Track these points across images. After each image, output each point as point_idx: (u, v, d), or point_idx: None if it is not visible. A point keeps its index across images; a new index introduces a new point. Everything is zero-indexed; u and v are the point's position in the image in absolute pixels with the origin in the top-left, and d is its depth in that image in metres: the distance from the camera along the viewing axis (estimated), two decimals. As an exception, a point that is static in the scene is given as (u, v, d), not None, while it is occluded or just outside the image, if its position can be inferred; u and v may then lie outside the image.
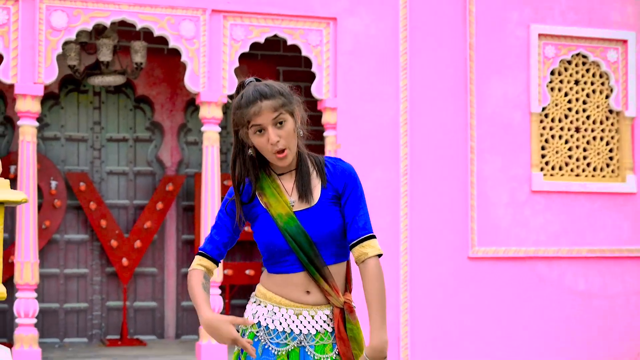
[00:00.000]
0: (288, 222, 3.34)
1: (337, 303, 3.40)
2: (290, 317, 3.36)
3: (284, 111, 3.30)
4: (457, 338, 8.62)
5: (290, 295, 3.37)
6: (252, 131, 3.29)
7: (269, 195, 3.38)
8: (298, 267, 3.36)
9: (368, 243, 3.40)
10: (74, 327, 9.76)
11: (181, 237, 10.06)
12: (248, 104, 3.29)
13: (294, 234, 3.33)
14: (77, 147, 9.86)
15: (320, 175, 3.42)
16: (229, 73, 8.13)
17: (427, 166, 8.59)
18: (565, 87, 9.16)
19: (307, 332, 3.37)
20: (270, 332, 3.36)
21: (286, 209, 3.36)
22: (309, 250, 3.34)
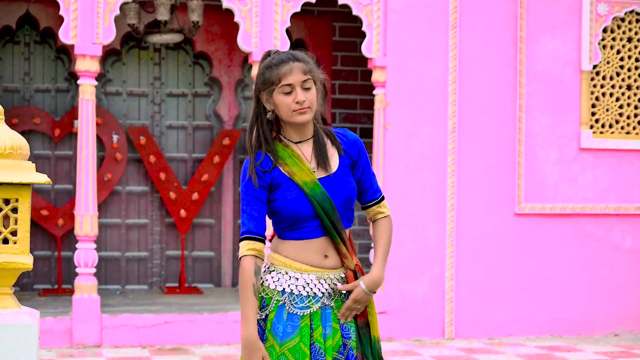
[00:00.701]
0: (314, 189, 3.52)
1: (351, 265, 3.60)
2: (312, 282, 3.54)
3: (311, 77, 3.51)
4: (502, 293, 8.80)
5: (309, 260, 3.55)
6: (280, 90, 3.49)
7: (291, 164, 3.54)
8: (319, 232, 3.56)
9: (383, 204, 3.75)
10: (134, 274, 10.21)
11: (238, 189, 10.39)
12: (280, 63, 3.49)
13: (320, 200, 3.52)
14: (138, 102, 10.22)
15: (335, 145, 3.64)
16: (281, 32, 8.34)
17: (475, 124, 8.72)
18: (618, 45, 9.15)
19: (327, 293, 3.57)
20: (294, 297, 3.54)
21: (310, 176, 3.54)
22: (332, 215, 3.53)
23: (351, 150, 3.68)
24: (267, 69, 3.53)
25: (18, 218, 4.41)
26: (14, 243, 4.56)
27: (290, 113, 3.52)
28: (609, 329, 9.03)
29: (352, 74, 10.56)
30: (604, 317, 9.01)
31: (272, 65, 3.51)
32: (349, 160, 3.65)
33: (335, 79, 10.50)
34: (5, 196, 4.36)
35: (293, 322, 3.53)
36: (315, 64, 3.60)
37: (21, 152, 4.62)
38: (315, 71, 3.57)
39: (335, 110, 10.52)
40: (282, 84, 3.48)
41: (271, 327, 3.53)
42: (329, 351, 3.55)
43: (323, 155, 3.60)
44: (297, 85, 3.49)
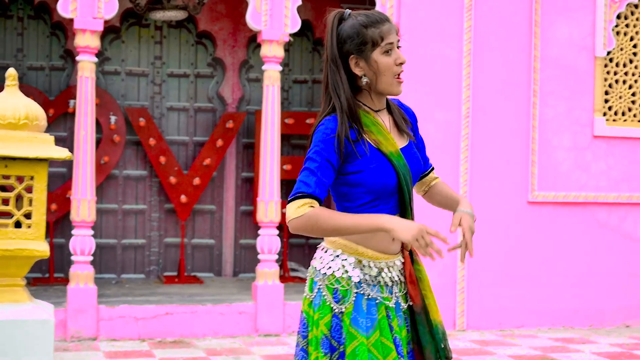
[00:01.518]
0: (399, 159, 3.24)
1: (409, 246, 3.32)
2: (383, 270, 3.26)
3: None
4: (513, 283, 8.60)
5: (380, 245, 3.26)
6: (382, 50, 3.18)
7: (377, 132, 3.24)
8: (396, 209, 3.27)
9: (434, 172, 3.60)
10: (131, 263, 9.87)
11: (240, 174, 10.08)
12: (379, 22, 3.21)
13: (404, 172, 3.24)
14: (138, 82, 9.87)
15: (402, 115, 3.40)
16: (292, 11, 8.07)
17: (489, 109, 8.51)
18: (631, 32, 8.99)
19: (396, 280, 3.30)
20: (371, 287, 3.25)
21: (395, 146, 3.26)
22: (411, 189, 3.28)
23: (413, 121, 3.48)
24: (366, 27, 3.19)
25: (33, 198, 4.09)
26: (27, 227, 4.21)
27: (391, 80, 3.22)
28: (621, 319, 8.86)
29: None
30: (615, 308, 8.85)
31: (371, 23, 3.19)
32: (411, 131, 3.42)
33: (341, 62, 10.20)
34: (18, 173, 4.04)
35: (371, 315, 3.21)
36: None
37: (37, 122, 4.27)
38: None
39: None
40: (385, 42, 3.18)
41: (351, 322, 3.18)
42: (404, 343, 3.28)
43: (402, 125, 3.35)
44: (396, 45, 3.22)
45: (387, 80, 3.20)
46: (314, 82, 10.29)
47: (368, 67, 3.19)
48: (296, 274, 9.83)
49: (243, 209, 10.08)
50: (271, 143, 8.07)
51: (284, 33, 8.07)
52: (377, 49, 3.17)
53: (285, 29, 8.07)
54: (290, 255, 10.11)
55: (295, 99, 10.26)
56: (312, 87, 10.30)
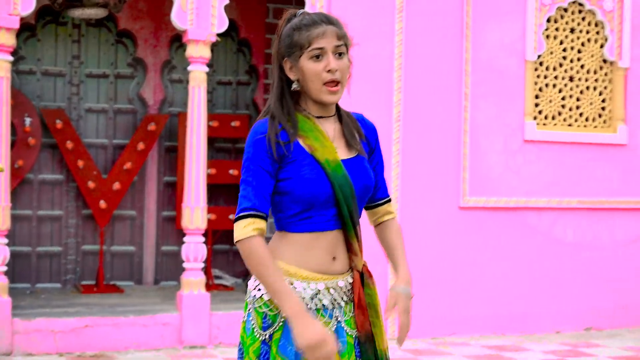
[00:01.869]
0: (336, 170, 2.99)
1: (359, 266, 3.07)
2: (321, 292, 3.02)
3: (344, 43, 3.03)
4: (445, 290, 8.46)
5: (317, 264, 3.01)
6: (309, 55, 2.98)
7: (313, 138, 3.02)
8: (333, 224, 3.02)
9: (390, 204, 3.31)
10: (46, 272, 9.40)
11: (162, 179, 9.71)
12: (311, 25, 2.99)
13: (341, 183, 2.99)
14: (54, 82, 9.41)
15: (356, 128, 3.15)
16: (219, 10, 7.78)
17: (420, 112, 8.34)
18: (561, 35, 8.94)
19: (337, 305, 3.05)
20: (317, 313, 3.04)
21: (334, 154, 3.01)
22: (351, 203, 3.02)
23: (370, 137, 3.21)
24: (295, 30, 3.01)
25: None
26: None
27: (319, 87, 3.00)
28: (552, 326, 8.79)
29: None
30: (546, 314, 8.78)
31: (302, 26, 2.99)
32: (368, 147, 3.18)
33: (268, 63, 9.95)
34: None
35: None
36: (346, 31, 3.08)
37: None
38: (348, 39, 3.05)
39: (268, 96, 9.95)
40: (312, 47, 2.97)
41: (279, 349, 2.96)
42: None
43: (350, 134, 3.09)
44: (330, 50, 2.98)
45: (315, 87, 3.00)
46: (238, 84, 10.00)
47: (298, 72, 3.02)
48: (220, 281, 9.52)
49: (165, 214, 9.72)
50: (197, 147, 7.75)
51: (211, 33, 7.77)
52: (304, 54, 2.99)
53: (212, 29, 7.78)
54: (214, 261, 9.79)
55: (220, 100, 9.95)
56: (236, 88, 10.00)
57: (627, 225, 9.08)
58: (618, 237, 9.05)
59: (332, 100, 3.01)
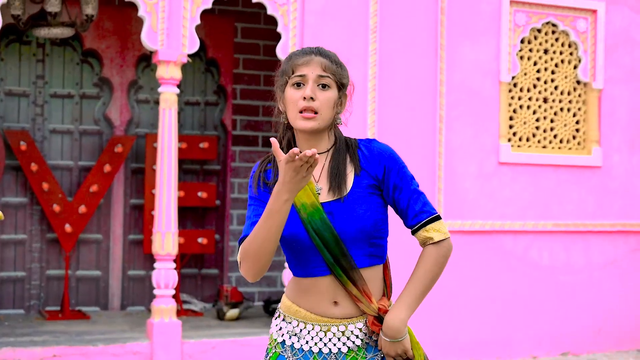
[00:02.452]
0: (312, 214, 2.90)
1: (370, 311, 2.97)
2: (317, 335, 2.96)
3: (333, 78, 2.99)
4: (422, 312, 8.28)
5: (316, 307, 2.96)
6: (291, 83, 2.96)
7: None
8: (324, 270, 2.93)
9: (432, 227, 3.04)
10: (9, 297, 9.08)
11: (129, 201, 9.44)
12: (300, 54, 3.01)
13: (318, 228, 2.90)
14: (18, 102, 9.11)
15: (353, 161, 3.01)
16: (190, 30, 7.58)
17: (395, 134, 8.19)
18: (535, 56, 8.86)
19: (336, 350, 2.96)
20: (297, 352, 2.98)
21: (312, 198, 2.92)
22: (334, 248, 2.90)
23: (372, 167, 3.03)
24: (286, 60, 3.05)
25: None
26: None
27: (295, 113, 2.94)
28: (527, 350, 8.66)
29: (255, 78, 9.83)
30: (522, 338, 8.64)
31: (292, 55, 3.03)
32: (370, 179, 3.01)
33: (236, 83, 9.75)
34: None
35: None
36: (345, 70, 3.09)
37: None
38: (340, 75, 3.04)
39: (237, 117, 9.76)
40: (295, 74, 2.97)
41: None
42: None
43: (335, 174, 2.97)
44: (311, 79, 2.95)
45: (292, 114, 2.96)
46: (206, 104, 9.78)
47: (284, 102, 3.03)
48: (189, 306, 9.27)
49: (131, 237, 9.46)
50: (168, 170, 7.53)
51: (182, 53, 7.56)
52: (288, 82, 2.99)
53: (183, 49, 7.57)
54: (183, 286, 9.55)
55: (187, 121, 9.71)
56: (204, 109, 9.78)
57: (603, 248, 8.99)
58: (594, 260, 8.96)
59: (304, 126, 2.94)
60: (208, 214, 9.73)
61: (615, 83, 9.09)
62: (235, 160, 9.73)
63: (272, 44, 8.26)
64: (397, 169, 3.04)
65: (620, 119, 9.11)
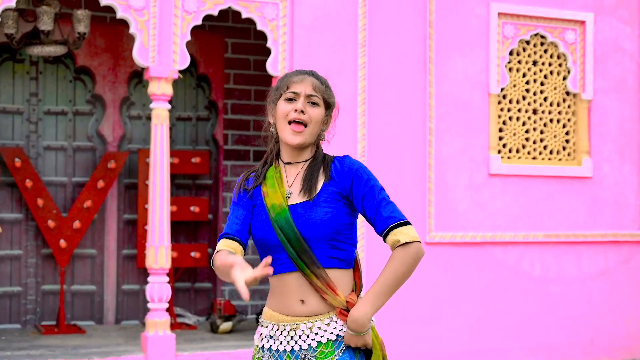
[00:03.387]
0: (279, 214, 3.20)
1: (337, 303, 3.17)
2: (289, 334, 3.18)
3: (322, 97, 3.28)
4: (413, 323, 8.37)
5: (285, 307, 3.21)
6: (284, 97, 3.25)
7: (269, 185, 3.28)
8: (290, 266, 3.18)
9: (400, 230, 3.19)
10: (5, 312, 9.16)
11: (122, 216, 9.53)
12: (295, 74, 3.31)
13: (282, 226, 3.18)
14: (12, 119, 9.20)
15: (325, 171, 3.27)
16: (180, 47, 7.67)
17: (385, 147, 8.27)
18: (524, 68, 8.93)
19: (307, 347, 3.18)
20: (273, 353, 3.22)
21: (280, 199, 3.23)
22: (296, 244, 3.16)
23: (342, 179, 3.26)
24: (281, 78, 3.35)
25: None
26: None
27: (284, 125, 3.24)
28: (519, 361, 8.72)
29: (245, 93, 9.92)
30: (514, 348, 8.70)
31: (287, 75, 3.35)
32: (337, 188, 3.25)
33: (227, 99, 9.83)
34: None
35: None
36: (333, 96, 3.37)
37: None
38: (329, 97, 3.33)
39: (228, 132, 9.84)
40: (288, 90, 3.27)
41: None
42: None
43: (307, 179, 3.25)
44: (303, 96, 3.26)
45: (282, 126, 3.25)
46: (198, 120, 9.87)
47: (275, 114, 3.30)
48: (182, 320, 9.34)
49: (125, 252, 9.54)
50: (160, 185, 7.61)
51: (173, 70, 7.64)
52: (282, 96, 3.26)
53: (174, 65, 7.65)
54: (176, 299, 9.61)
55: (179, 136, 9.80)
56: (196, 124, 9.87)
57: (594, 258, 9.05)
58: (585, 270, 9.01)
59: (293, 141, 3.23)
60: (201, 228, 9.80)
61: (605, 93, 9.16)
62: (227, 175, 9.81)
63: (263, 59, 8.32)
64: (364, 179, 3.25)
65: (610, 130, 9.18)
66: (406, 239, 3.16)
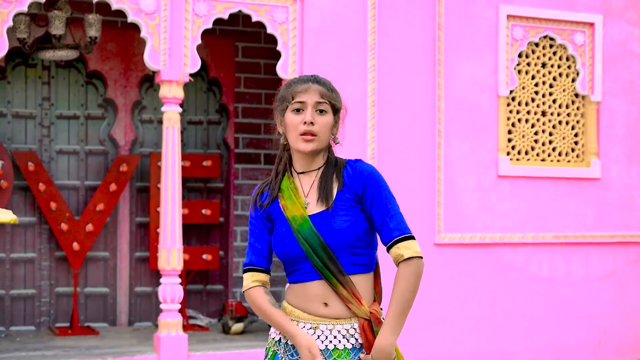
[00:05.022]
0: (302, 225, 3.21)
1: (361, 313, 3.21)
2: (308, 332, 3.21)
3: (329, 103, 3.28)
4: (421, 324, 8.42)
5: (308, 307, 3.23)
6: (291, 108, 3.25)
7: (287, 197, 3.28)
8: (314, 275, 3.20)
9: (404, 244, 3.24)
10: (20, 314, 9.27)
11: (135, 219, 9.62)
12: (299, 82, 3.29)
13: (306, 237, 3.20)
14: (25, 124, 9.32)
15: (338, 178, 3.28)
16: (191, 50, 7.75)
17: (394, 150, 8.34)
18: (532, 70, 8.98)
19: (324, 347, 3.20)
20: (290, 347, 3.25)
21: (300, 210, 3.23)
22: (322, 254, 3.18)
23: (354, 184, 3.28)
24: (285, 86, 3.33)
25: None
26: None
27: (296, 136, 3.24)
28: (529, 362, 8.76)
29: (256, 96, 10.00)
30: (522, 349, 8.74)
31: (291, 83, 3.32)
32: (349, 194, 3.28)
33: (238, 102, 9.91)
34: None
35: None
36: (339, 96, 3.39)
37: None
38: (336, 100, 3.34)
39: (239, 135, 9.92)
40: (294, 100, 3.26)
41: None
42: None
43: (322, 188, 3.26)
44: (310, 105, 3.26)
45: (293, 137, 3.24)
46: (209, 123, 9.95)
47: (284, 124, 3.31)
48: (195, 321, 9.42)
49: (138, 255, 9.63)
50: (172, 188, 7.69)
51: (184, 73, 7.73)
52: (288, 107, 3.27)
53: (185, 69, 7.74)
54: (188, 301, 9.70)
55: (190, 140, 9.88)
56: (207, 128, 9.95)
57: (602, 259, 9.09)
58: (593, 271, 9.06)
59: (305, 148, 3.23)
60: (212, 230, 9.88)
61: (614, 95, 9.21)
62: (238, 178, 9.89)
63: (273, 62, 8.41)
64: (376, 186, 3.26)
65: (618, 131, 9.22)
66: (409, 254, 3.21)
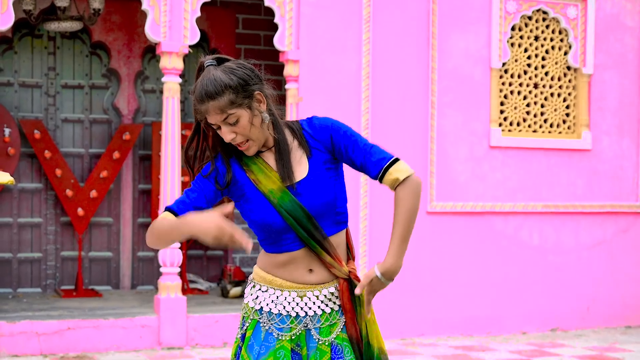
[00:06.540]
0: (282, 198, 3.14)
1: (341, 274, 3.23)
2: (294, 300, 3.21)
3: (234, 108, 3.08)
4: (413, 293, 8.67)
5: (292, 276, 3.21)
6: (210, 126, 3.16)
7: (257, 171, 3.18)
8: (298, 244, 3.18)
9: (394, 168, 3.16)
10: (27, 277, 9.62)
11: (137, 186, 9.92)
12: (198, 102, 3.12)
13: (289, 209, 3.13)
14: (32, 93, 9.62)
15: (302, 145, 3.22)
16: (191, 22, 7.99)
17: (388, 120, 8.56)
18: (525, 43, 9.16)
19: (312, 313, 3.22)
20: (274, 317, 3.22)
21: (277, 183, 3.15)
22: (307, 224, 3.14)
23: (322, 141, 3.23)
24: (193, 100, 3.17)
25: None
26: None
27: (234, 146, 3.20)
28: (517, 326, 9.02)
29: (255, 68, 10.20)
30: (512, 315, 8.99)
31: (194, 99, 3.15)
32: (324, 154, 3.22)
33: (239, 73, 10.14)
34: None
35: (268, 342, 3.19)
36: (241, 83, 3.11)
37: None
38: (239, 98, 3.09)
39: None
40: (207, 121, 3.15)
41: (247, 346, 3.22)
42: None
43: (286, 165, 3.18)
44: (219, 124, 3.11)
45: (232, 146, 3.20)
46: (211, 93, 10.17)
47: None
48: (195, 285, 9.74)
49: (140, 221, 9.93)
50: (172, 156, 7.96)
51: (184, 45, 7.98)
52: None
53: (184, 41, 7.99)
54: (189, 266, 10.01)
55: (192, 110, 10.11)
56: (209, 97, 10.18)
57: (591, 229, 9.30)
58: (582, 240, 9.27)
59: (250, 154, 3.18)
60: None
61: (605, 68, 9.39)
62: (239, 146, 10.13)
63: (272, 34, 8.64)
64: (342, 132, 3.22)
65: (609, 104, 9.41)
66: (404, 174, 3.15)
